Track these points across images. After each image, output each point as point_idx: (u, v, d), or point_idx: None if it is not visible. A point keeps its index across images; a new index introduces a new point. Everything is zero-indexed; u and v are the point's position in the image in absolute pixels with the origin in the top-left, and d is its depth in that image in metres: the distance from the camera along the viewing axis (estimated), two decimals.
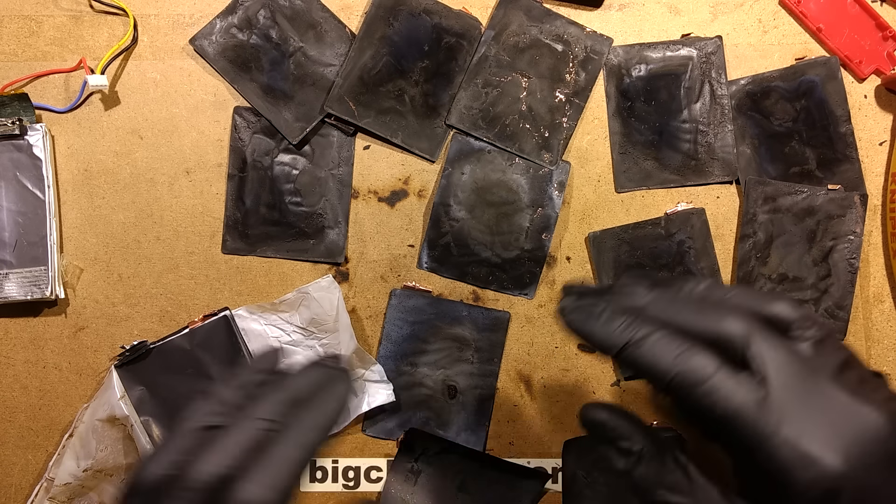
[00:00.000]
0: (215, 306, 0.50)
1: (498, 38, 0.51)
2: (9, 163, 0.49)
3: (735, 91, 0.51)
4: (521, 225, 0.49)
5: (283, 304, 0.49)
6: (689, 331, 0.24)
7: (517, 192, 0.49)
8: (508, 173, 0.49)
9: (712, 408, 0.23)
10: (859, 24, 0.52)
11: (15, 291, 0.48)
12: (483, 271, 0.49)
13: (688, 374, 0.23)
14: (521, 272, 0.49)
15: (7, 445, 0.49)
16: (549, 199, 0.49)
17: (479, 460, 0.48)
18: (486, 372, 0.50)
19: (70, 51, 0.51)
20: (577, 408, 0.49)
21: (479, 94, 0.51)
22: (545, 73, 0.51)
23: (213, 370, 0.48)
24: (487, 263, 0.49)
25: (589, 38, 0.51)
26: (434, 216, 0.48)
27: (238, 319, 0.49)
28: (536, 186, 0.49)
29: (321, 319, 0.48)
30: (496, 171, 0.49)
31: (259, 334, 0.49)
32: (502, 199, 0.49)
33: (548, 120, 0.51)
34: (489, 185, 0.49)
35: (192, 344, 0.48)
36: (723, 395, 0.23)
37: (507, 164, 0.49)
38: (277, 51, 0.51)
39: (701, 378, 0.23)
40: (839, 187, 0.50)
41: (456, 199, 0.49)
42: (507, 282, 0.49)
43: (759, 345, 0.23)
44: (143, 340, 0.48)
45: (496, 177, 0.49)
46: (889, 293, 0.50)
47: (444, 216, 0.48)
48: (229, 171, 0.50)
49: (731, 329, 0.24)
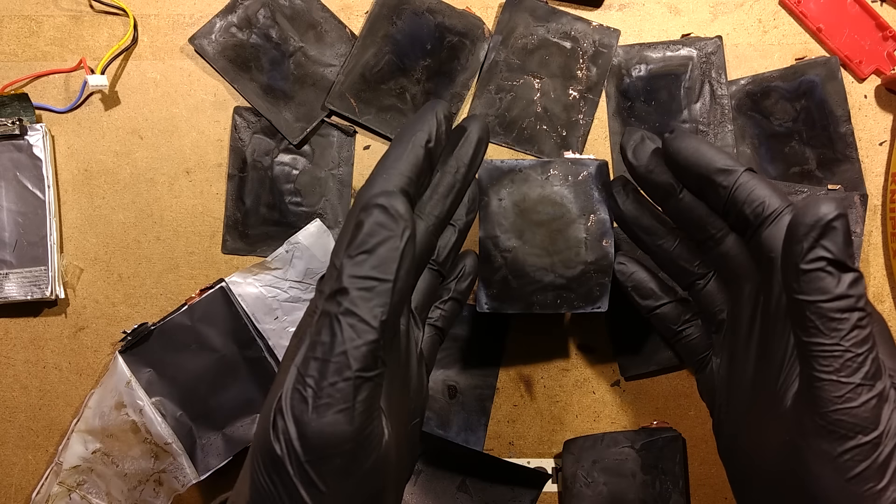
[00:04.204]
0: None
1: (506, 41, 0.51)
2: (9, 163, 0.48)
3: (735, 91, 0.51)
4: (578, 237, 0.44)
5: (274, 262, 0.48)
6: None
7: (563, 205, 0.45)
8: (547, 187, 0.45)
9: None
10: (859, 24, 0.52)
11: (15, 291, 0.48)
12: (549, 296, 0.45)
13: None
14: (590, 286, 0.44)
15: (7, 445, 0.49)
16: (598, 203, 0.44)
17: (479, 460, 0.48)
18: (486, 372, 0.50)
19: (70, 51, 0.51)
20: (577, 408, 0.49)
21: (493, 100, 0.51)
22: (556, 72, 0.51)
23: (216, 342, 0.48)
24: (552, 287, 0.45)
25: (596, 33, 0.51)
26: (483, 252, 0.44)
27: (233, 286, 0.48)
28: (581, 192, 0.44)
29: (317, 269, 0.48)
30: (534, 187, 0.45)
31: (257, 297, 0.48)
32: (550, 215, 0.44)
33: (564, 118, 0.51)
34: (532, 204, 0.45)
35: (192, 319, 0.48)
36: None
37: (543, 177, 0.45)
38: (277, 50, 0.51)
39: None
40: (839, 187, 0.50)
41: (502, 229, 0.44)
42: (576, 300, 0.45)
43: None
44: (143, 322, 0.48)
45: (536, 193, 0.45)
46: (889, 293, 0.50)
47: (494, 249, 0.44)
48: (229, 171, 0.50)
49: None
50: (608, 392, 0.50)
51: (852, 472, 0.26)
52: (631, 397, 0.50)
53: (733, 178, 0.31)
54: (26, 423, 0.49)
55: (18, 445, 0.49)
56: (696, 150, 0.32)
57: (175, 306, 0.49)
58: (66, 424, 0.49)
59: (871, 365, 0.26)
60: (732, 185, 0.31)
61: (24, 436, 0.49)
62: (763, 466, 0.30)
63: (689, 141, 0.32)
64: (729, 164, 0.31)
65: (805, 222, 0.26)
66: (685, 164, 0.32)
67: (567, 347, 0.50)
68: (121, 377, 0.47)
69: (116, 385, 0.47)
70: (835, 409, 0.26)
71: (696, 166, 0.32)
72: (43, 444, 0.49)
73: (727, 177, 0.31)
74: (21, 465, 0.49)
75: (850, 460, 0.26)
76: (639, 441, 0.48)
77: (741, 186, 0.30)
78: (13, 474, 0.49)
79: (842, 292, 0.26)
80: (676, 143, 0.32)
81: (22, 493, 0.49)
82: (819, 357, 0.26)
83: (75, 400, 0.49)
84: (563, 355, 0.50)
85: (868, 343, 0.26)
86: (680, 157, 0.32)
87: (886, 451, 0.26)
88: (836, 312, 0.26)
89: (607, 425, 0.50)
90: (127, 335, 0.48)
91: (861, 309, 0.26)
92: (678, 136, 0.33)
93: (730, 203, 0.31)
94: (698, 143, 0.32)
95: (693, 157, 0.32)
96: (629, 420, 0.50)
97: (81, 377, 0.50)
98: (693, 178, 0.33)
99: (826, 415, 0.26)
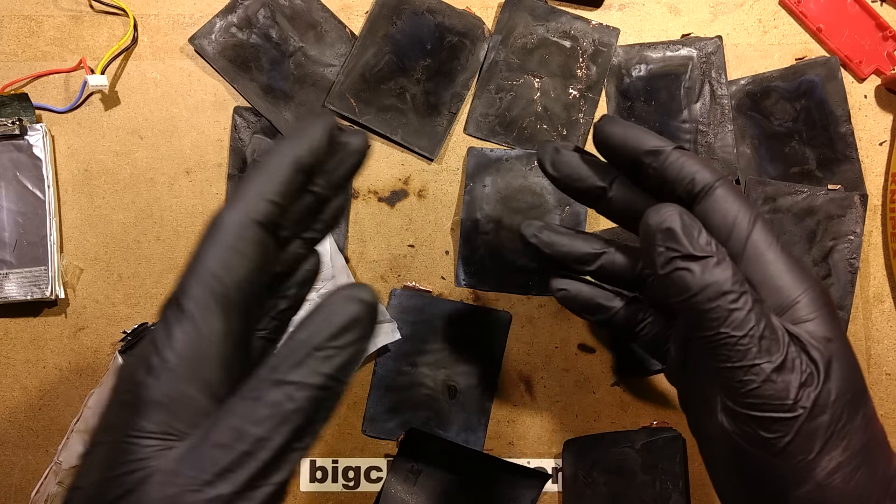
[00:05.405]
0: None
1: (506, 41, 0.51)
2: (9, 163, 0.48)
3: (735, 91, 0.51)
4: None
5: None
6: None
7: (542, 195, 0.49)
8: (530, 177, 0.49)
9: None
10: (859, 24, 0.52)
11: (15, 291, 0.48)
12: (521, 278, 0.49)
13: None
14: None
15: (7, 445, 0.49)
16: None
17: (479, 460, 0.48)
18: (486, 372, 0.50)
19: (70, 51, 0.51)
20: (577, 408, 0.49)
21: (493, 100, 0.51)
22: (556, 72, 0.51)
23: None
24: (525, 270, 0.49)
25: (596, 31, 0.51)
26: (464, 233, 0.48)
27: None
28: None
29: None
30: (517, 177, 0.49)
31: None
32: (528, 203, 0.49)
33: (564, 118, 0.51)
34: (513, 192, 0.49)
35: None
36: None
37: (527, 168, 0.49)
38: (277, 50, 0.51)
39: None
40: (839, 187, 0.50)
41: (483, 213, 0.49)
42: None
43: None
44: (143, 322, 0.48)
45: (518, 183, 0.49)
46: (889, 293, 0.50)
47: (474, 231, 0.48)
48: (229, 171, 0.50)
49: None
50: (608, 392, 0.50)
51: (779, 447, 0.26)
52: (631, 397, 0.50)
53: (663, 157, 0.30)
54: (26, 423, 0.49)
55: (18, 445, 0.49)
56: (624, 133, 0.31)
57: None
58: (66, 424, 0.49)
59: (761, 342, 0.26)
60: (662, 165, 0.30)
61: (24, 436, 0.49)
62: (716, 451, 0.30)
63: (617, 126, 0.32)
64: (657, 144, 0.30)
65: (647, 234, 0.27)
66: (615, 149, 0.32)
67: (567, 347, 0.50)
68: None
69: None
70: (741, 393, 0.26)
71: (625, 149, 0.31)
72: (43, 444, 0.49)
73: (656, 157, 0.30)
74: (21, 466, 0.49)
75: (775, 438, 0.26)
76: (639, 441, 0.48)
77: (670, 165, 0.30)
78: (13, 474, 0.49)
79: (702, 283, 0.26)
80: (606, 129, 0.32)
81: (22, 493, 0.49)
82: (711, 348, 0.26)
83: (75, 400, 0.49)
84: (563, 355, 0.50)
85: (750, 322, 0.26)
86: (610, 143, 0.32)
87: (803, 420, 0.25)
88: (706, 303, 0.26)
89: (607, 425, 0.50)
90: (127, 335, 0.48)
91: (729, 291, 0.26)
92: (606, 121, 0.32)
93: (661, 182, 0.31)
94: (626, 127, 0.32)
95: (622, 141, 0.31)
96: (629, 420, 0.50)
97: (81, 377, 0.50)
98: (625, 162, 0.32)
99: (737, 400, 0.26)
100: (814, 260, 0.50)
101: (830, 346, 0.27)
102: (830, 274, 0.49)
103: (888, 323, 0.50)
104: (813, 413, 0.25)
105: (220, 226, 0.24)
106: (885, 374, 0.50)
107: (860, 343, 0.50)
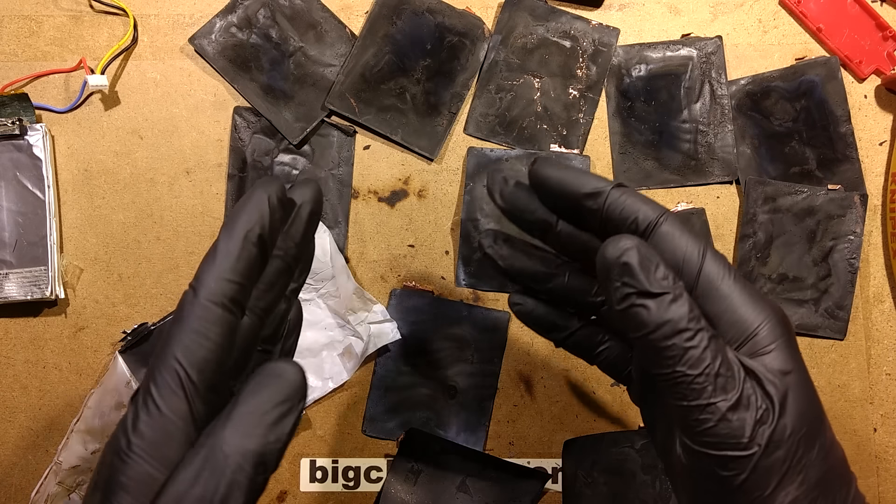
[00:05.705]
0: None
1: (506, 41, 0.51)
2: (9, 163, 0.48)
3: (735, 91, 0.51)
4: None
5: None
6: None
7: None
8: None
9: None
10: (859, 24, 0.52)
11: (15, 291, 0.48)
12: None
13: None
14: None
15: (7, 445, 0.49)
16: None
17: (479, 460, 0.48)
18: (486, 372, 0.50)
19: (70, 51, 0.51)
20: (577, 408, 0.49)
21: (493, 100, 0.51)
22: (556, 72, 0.51)
23: None
24: None
25: (596, 31, 0.51)
26: (464, 233, 0.48)
27: None
28: None
29: (315, 268, 0.48)
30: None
31: None
32: None
33: (564, 117, 0.51)
34: None
35: None
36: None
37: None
38: (277, 50, 0.51)
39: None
40: (839, 187, 0.50)
41: (482, 213, 0.49)
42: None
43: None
44: (143, 322, 0.48)
45: None
46: (889, 293, 0.50)
47: (474, 231, 0.48)
48: (229, 171, 0.50)
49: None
50: (608, 392, 0.50)
51: (735, 484, 0.26)
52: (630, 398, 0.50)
53: (601, 199, 0.29)
54: (26, 423, 0.49)
55: (18, 446, 0.49)
56: (560, 177, 0.30)
57: (175, 306, 0.49)
58: (66, 424, 0.49)
59: (716, 380, 0.25)
60: (603, 206, 0.29)
61: (24, 436, 0.49)
62: (677, 480, 0.29)
63: (552, 169, 0.31)
64: (595, 185, 0.30)
65: (603, 267, 0.26)
66: (553, 194, 0.31)
67: None
68: (121, 377, 0.47)
69: (116, 385, 0.47)
70: (697, 432, 0.26)
71: (563, 195, 0.30)
72: (43, 444, 0.49)
73: (596, 200, 0.29)
74: (21, 466, 0.49)
75: (731, 476, 0.25)
76: (639, 441, 0.48)
77: (611, 205, 0.29)
78: (13, 475, 0.49)
79: (658, 321, 0.25)
80: (540, 173, 0.31)
81: (22, 493, 0.49)
82: (667, 386, 0.26)
83: (75, 400, 0.49)
84: (563, 355, 0.50)
85: (706, 360, 0.25)
86: (546, 188, 0.31)
87: (759, 458, 0.25)
88: (663, 340, 0.25)
89: (607, 425, 0.50)
90: (127, 335, 0.48)
91: (684, 329, 0.25)
92: (540, 165, 0.31)
93: (605, 224, 0.30)
94: (561, 171, 0.31)
95: (558, 186, 0.30)
96: (629, 420, 0.50)
97: (81, 377, 0.50)
98: (565, 207, 0.31)
99: (693, 438, 0.26)
100: (814, 260, 0.50)
101: (787, 380, 0.26)
102: (830, 274, 0.49)
103: (888, 323, 0.50)
104: (768, 450, 0.25)
105: (183, 308, 0.25)
106: (885, 374, 0.50)
107: (860, 343, 0.50)
